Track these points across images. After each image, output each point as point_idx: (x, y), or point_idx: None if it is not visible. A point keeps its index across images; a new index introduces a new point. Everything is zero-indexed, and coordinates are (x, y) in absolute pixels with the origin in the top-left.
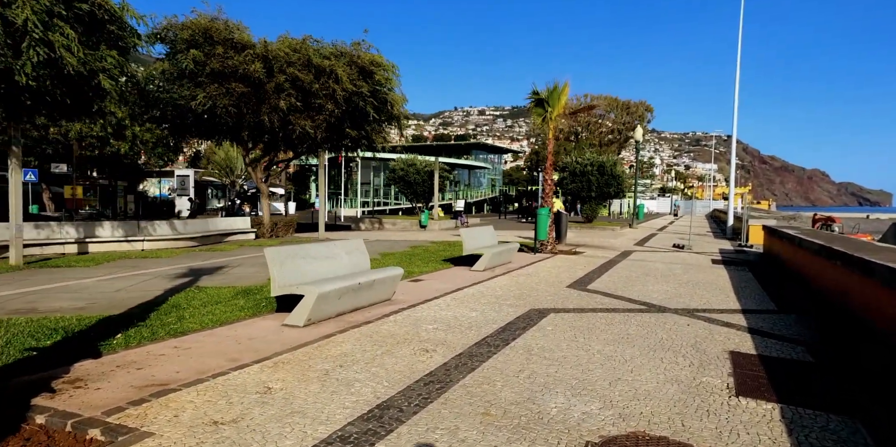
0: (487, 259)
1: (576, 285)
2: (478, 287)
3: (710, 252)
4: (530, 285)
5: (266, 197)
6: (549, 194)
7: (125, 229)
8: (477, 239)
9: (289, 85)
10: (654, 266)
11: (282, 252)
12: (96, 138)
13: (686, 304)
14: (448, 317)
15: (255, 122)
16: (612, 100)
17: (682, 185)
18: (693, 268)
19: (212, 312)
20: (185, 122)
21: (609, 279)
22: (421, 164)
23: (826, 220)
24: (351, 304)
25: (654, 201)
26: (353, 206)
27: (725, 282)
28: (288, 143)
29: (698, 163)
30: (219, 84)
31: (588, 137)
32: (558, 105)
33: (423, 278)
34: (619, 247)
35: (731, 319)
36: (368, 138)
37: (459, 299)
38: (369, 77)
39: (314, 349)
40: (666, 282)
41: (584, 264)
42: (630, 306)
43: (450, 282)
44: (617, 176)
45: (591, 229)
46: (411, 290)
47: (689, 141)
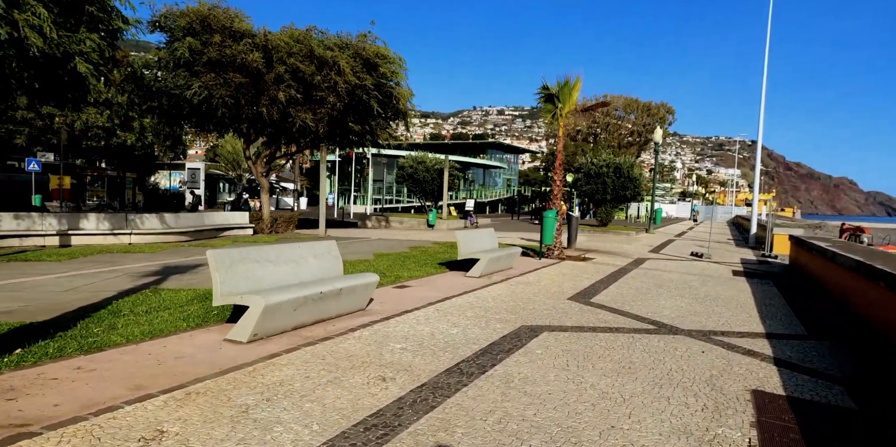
0: (484, 264)
1: (579, 297)
2: (468, 296)
3: (731, 262)
4: (527, 296)
5: (266, 191)
6: (558, 196)
7: (112, 222)
8: (474, 242)
9: (289, 76)
10: (668, 276)
11: (230, 254)
12: (102, 129)
13: (702, 325)
14: (423, 333)
15: (253, 113)
16: (632, 101)
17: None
18: (711, 281)
19: (150, 321)
20: (181, 112)
21: (617, 291)
22: (431, 161)
23: (855, 230)
24: (312, 316)
25: (673, 206)
26: (366, 203)
27: (747, 298)
28: (288, 136)
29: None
30: (216, 74)
31: (607, 139)
32: (569, 101)
33: (411, 284)
34: (633, 253)
35: (753, 345)
36: (373, 134)
37: (443, 311)
38: (374, 70)
39: (246, 374)
40: (680, 297)
41: (591, 272)
42: (637, 325)
43: (438, 290)
44: (634, 178)
45: (604, 233)
46: (392, 299)
47: (711, 145)
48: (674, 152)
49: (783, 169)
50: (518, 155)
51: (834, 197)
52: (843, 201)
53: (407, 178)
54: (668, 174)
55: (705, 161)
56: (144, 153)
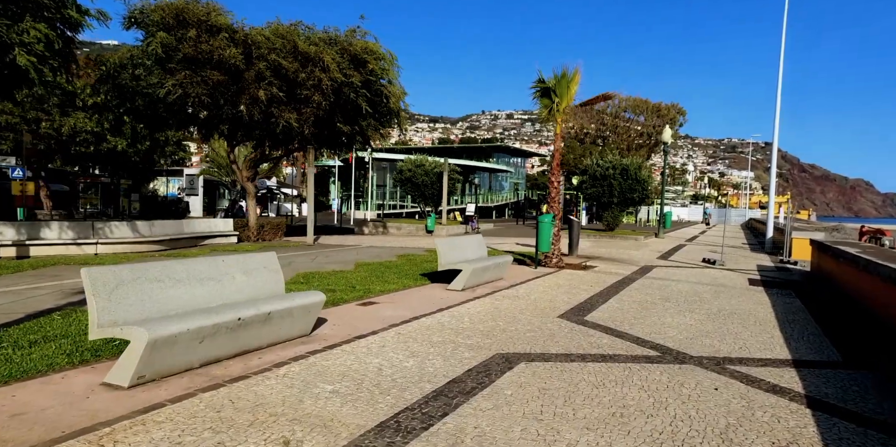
0: (466, 276)
1: (572, 314)
2: (442, 315)
3: (747, 269)
4: (512, 313)
5: (252, 197)
6: (556, 199)
7: (76, 231)
8: (457, 250)
9: (270, 73)
10: (676, 287)
11: (118, 272)
12: (91, 133)
13: (714, 349)
14: (369, 368)
15: (233, 114)
16: (642, 102)
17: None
18: (725, 292)
19: (26, 357)
20: (157, 113)
21: (617, 306)
22: (430, 164)
23: (875, 232)
24: (231, 348)
25: (685, 209)
26: (369, 209)
27: (767, 313)
28: (273, 138)
29: (733, 170)
30: (192, 71)
31: (616, 141)
32: (567, 95)
33: (379, 300)
34: (640, 260)
35: (779, 378)
36: (363, 135)
37: (406, 335)
38: (362, 66)
39: (93, 441)
40: (690, 312)
41: (591, 283)
42: (637, 351)
43: (409, 308)
44: (642, 180)
45: (611, 239)
46: (350, 319)
47: (724, 147)
48: (685, 155)
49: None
50: (526, 158)
51: (850, 199)
52: (859, 203)
53: (405, 183)
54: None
55: (717, 163)
56: (142, 159)
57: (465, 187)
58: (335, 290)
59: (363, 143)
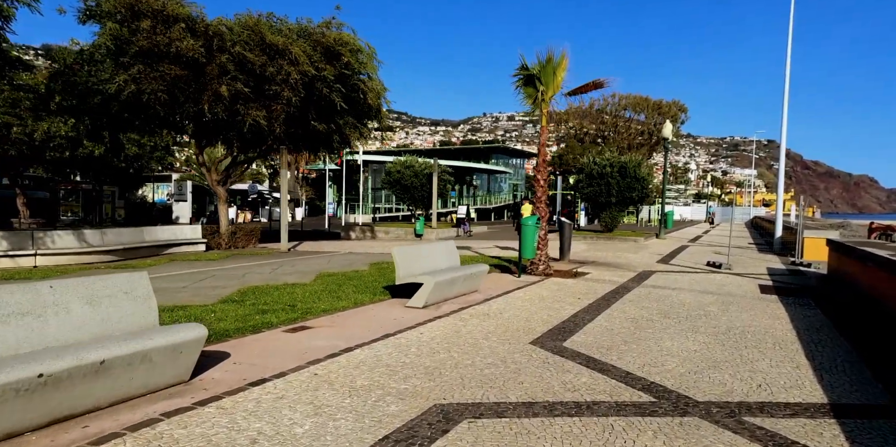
0: (428, 291)
1: (549, 338)
2: (384, 344)
3: (756, 273)
4: (475, 339)
5: (224, 202)
6: (542, 199)
7: (11, 241)
8: (420, 260)
9: (234, 67)
10: (677, 298)
11: None
12: (65, 138)
13: (726, 389)
14: (240, 441)
15: (195, 112)
16: (642, 99)
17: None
18: (735, 303)
19: None
20: (111, 112)
21: (606, 324)
22: (420, 165)
23: (886, 229)
24: (36, 415)
25: (688, 208)
26: (365, 213)
27: (786, 331)
28: (241, 138)
29: (736, 168)
30: (147, 65)
31: (616, 140)
32: (553, 82)
33: (316, 323)
34: (638, 265)
35: (817, 438)
36: (342, 134)
37: (323, 378)
38: (336, 59)
39: None
40: (693, 332)
41: (579, 294)
42: (623, 395)
43: (347, 334)
44: (641, 178)
45: (608, 241)
46: (262, 353)
47: (726, 145)
48: (688, 154)
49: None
50: (525, 159)
51: (854, 195)
52: (863, 199)
53: (393, 185)
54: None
55: (720, 162)
56: (129, 165)
57: (463, 189)
58: (266, 311)
59: (342, 143)
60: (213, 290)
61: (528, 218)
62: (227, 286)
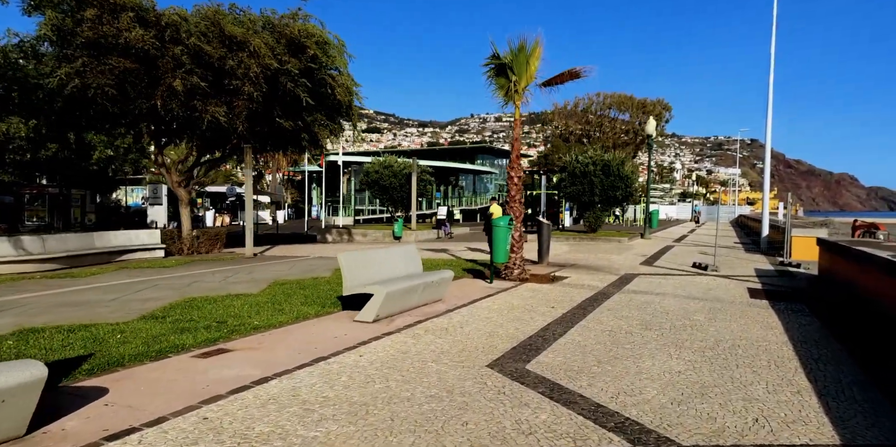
0: (379, 303)
1: (511, 359)
2: (310, 372)
3: (745, 275)
4: (421, 362)
5: (186, 205)
6: (516, 198)
7: None
8: (372, 266)
9: (189, 60)
10: (661, 305)
11: None
12: (27, 140)
13: (717, 426)
14: None
15: (148, 108)
16: (626, 98)
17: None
18: (723, 310)
19: None
20: (53, 108)
21: (580, 339)
22: (399, 165)
23: (869, 226)
24: None
25: (673, 207)
26: (348, 215)
27: (781, 344)
28: (201, 136)
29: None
30: (94, 58)
31: (601, 139)
32: (527, 72)
33: (240, 345)
34: (620, 267)
35: None
36: (310, 132)
37: (209, 425)
38: (301, 52)
39: None
40: (677, 347)
41: (554, 302)
42: (590, 439)
43: (271, 359)
44: (625, 177)
45: (591, 241)
46: (149, 389)
47: (710, 145)
48: (673, 153)
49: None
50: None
51: (835, 193)
52: (844, 197)
53: (372, 185)
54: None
55: (705, 161)
56: (101, 168)
57: (448, 190)
58: (187, 330)
59: (311, 142)
60: (142, 304)
61: (499, 219)
62: (161, 298)
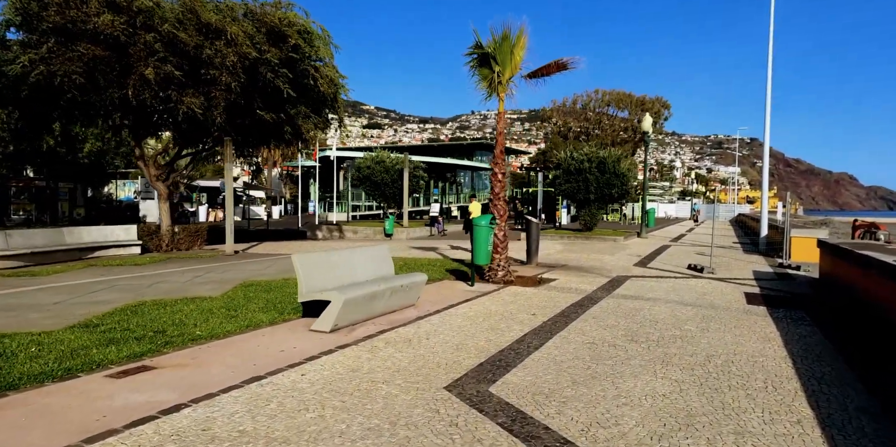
0: (337, 311)
1: (473, 380)
2: (233, 396)
3: (742, 278)
4: (370, 383)
5: (165, 199)
6: (501, 195)
7: None
8: (330, 270)
9: (162, 47)
10: (650, 313)
11: None
12: (9, 131)
13: None
14: None
15: (119, 98)
16: (625, 95)
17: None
18: (717, 318)
19: None
20: (18, 97)
21: (556, 354)
22: (391, 161)
23: (869, 226)
24: None
25: (672, 205)
26: (343, 211)
27: (780, 361)
28: (178, 128)
29: (720, 166)
30: (61, 45)
31: (600, 136)
32: (511, 62)
33: (171, 361)
34: (613, 269)
35: None
36: (293, 125)
37: None
38: (282, 41)
39: None
40: (664, 364)
41: (535, 309)
42: None
43: (196, 379)
44: (621, 174)
45: (586, 240)
46: (24, 422)
47: (710, 144)
48: (673, 152)
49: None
50: (511, 156)
51: (835, 192)
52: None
53: (363, 181)
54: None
55: (705, 160)
56: (91, 161)
57: (446, 186)
58: (116, 341)
59: (294, 136)
60: (86, 308)
61: (479, 217)
62: (112, 301)
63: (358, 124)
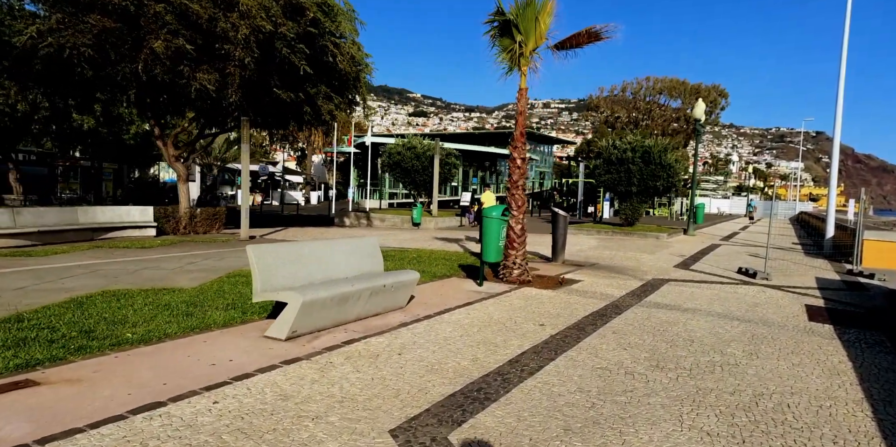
0: (293, 315)
1: (433, 421)
2: (86, 440)
3: (802, 286)
4: (290, 422)
5: (183, 181)
6: (519, 184)
7: None
8: (294, 264)
9: (173, 18)
10: (685, 329)
11: None
12: (49, 110)
13: None
14: None
15: (132, 73)
16: (679, 83)
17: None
18: (770, 339)
19: None
20: (31, 72)
21: (554, 381)
22: (422, 147)
23: None
24: None
25: (726, 201)
26: (382, 198)
27: (854, 406)
28: (193, 106)
29: (782, 161)
30: (71, 16)
31: (650, 126)
32: (536, 31)
33: (64, 374)
34: (650, 270)
35: None
36: (313, 105)
37: None
38: (299, 14)
39: None
40: (694, 407)
41: (546, 317)
42: None
43: (74, 403)
44: (668, 165)
45: (625, 236)
46: None
47: (771, 137)
48: (730, 145)
49: (852, 161)
50: (552, 146)
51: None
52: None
53: (393, 167)
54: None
55: (764, 154)
56: (137, 143)
57: (486, 176)
58: (19, 345)
59: (314, 117)
60: (39, 296)
61: (490, 208)
62: (73, 289)
63: (404, 112)
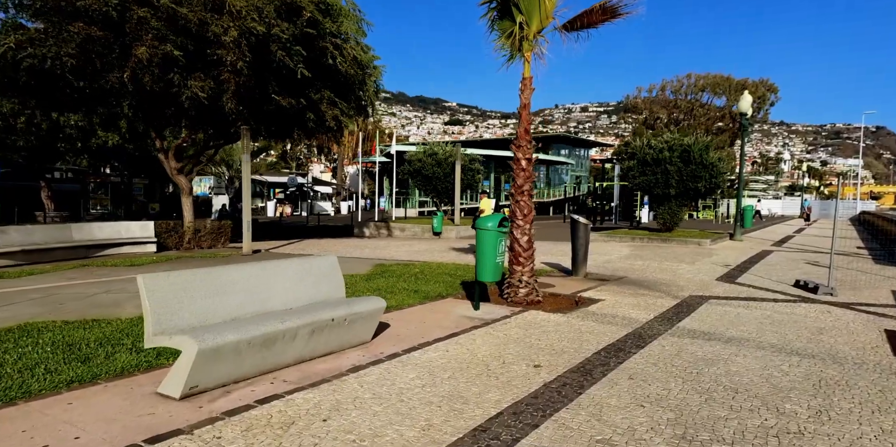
0: (188, 366)
1: None
2: None
3: (877, 304)
4: None
5: (187, 194)
6: (525, 188)
7: None
8: (220, 295)
9: (159, 23)
10: (727, 371)
11: None
12: (75, 128)
13: None
14: None
15: (119, 82)
16: (723, 79)
17: (818, 183)
18: (844, 385)
19: None
20: (17, 84)
21: None
22: (444, 154)
23: None
24: None
25: (778, 201)
26: (412, 207)
27: None
28: (186, 115)
29: (838, 158)
30: (54, 25)
31: (692, 125)
32: (540, 10)
33: None
34: (686, 284)
35: None
36: (317, 111)
37: None
38: (295, 15)
39: None
40: None
41: (545, 355)
42: None
43: None
44: (710, 165)
45: (662, 243)
46: None
47: (826, 133)
48: (780, 143)
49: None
50: (591, 149)
51: None
52: None
53: (414, 175)
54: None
55: (819, 151)
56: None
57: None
58: None
59: (318, 124)
60: None
61: (484, 218)
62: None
63: (440, 121)
